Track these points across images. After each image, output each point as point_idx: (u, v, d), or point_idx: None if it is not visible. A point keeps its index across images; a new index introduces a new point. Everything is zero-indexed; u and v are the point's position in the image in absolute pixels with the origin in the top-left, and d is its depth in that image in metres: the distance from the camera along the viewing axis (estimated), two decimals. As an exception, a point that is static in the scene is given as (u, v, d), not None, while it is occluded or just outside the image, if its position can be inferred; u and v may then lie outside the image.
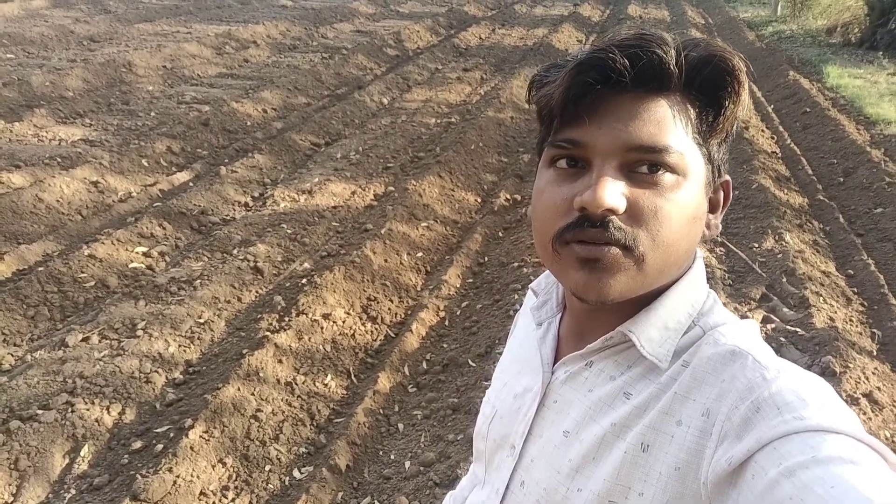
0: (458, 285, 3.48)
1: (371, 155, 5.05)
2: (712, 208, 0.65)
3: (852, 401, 2.43)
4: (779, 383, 0.53)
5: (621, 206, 0.57)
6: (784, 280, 3.34)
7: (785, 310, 3.11)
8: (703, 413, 0.56)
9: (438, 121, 5.93)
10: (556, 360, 0.71)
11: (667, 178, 0.58)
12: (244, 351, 2.74)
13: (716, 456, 0.53)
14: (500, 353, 2.81)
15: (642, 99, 0.59)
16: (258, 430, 2.36)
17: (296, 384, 2.62)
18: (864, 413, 2.39)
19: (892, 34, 8.15)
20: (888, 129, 5.58)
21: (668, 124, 0.59)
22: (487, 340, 2.91)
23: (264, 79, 6.88)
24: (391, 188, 4.53)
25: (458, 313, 3.25)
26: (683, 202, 0.59)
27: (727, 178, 0.66)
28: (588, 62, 0.58)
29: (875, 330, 3.10)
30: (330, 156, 5.05)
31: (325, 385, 2.68)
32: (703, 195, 0.62)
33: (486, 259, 3.77)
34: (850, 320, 3.14)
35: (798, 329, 2.93)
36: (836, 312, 3.15)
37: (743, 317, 3.07)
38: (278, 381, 2.60)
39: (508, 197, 4.52)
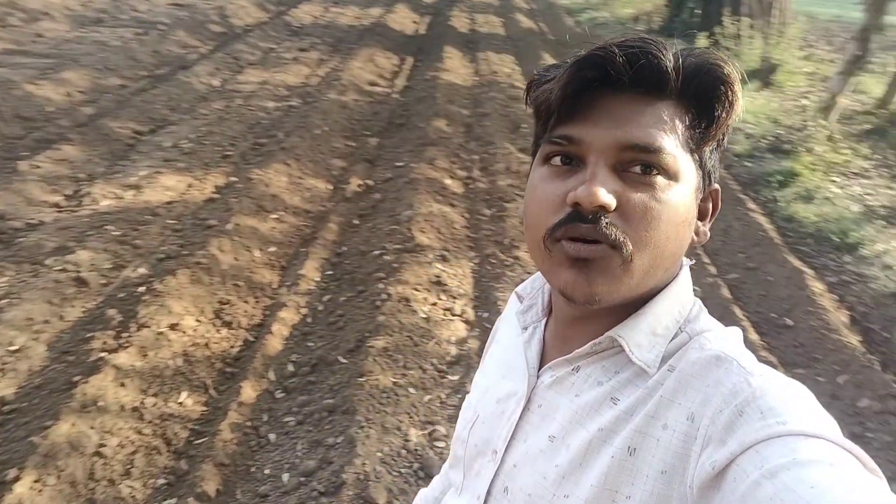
0: (317, 279, 3.32)
1: (206, 143, 4.63)
2: (701, 216, 0.66)
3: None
4: (762, 389, 0.54)
5: (612, 203, 0.58)
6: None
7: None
8: (688, 417, 0.57)
9: (278, 104, 5.60)
10: (541, 365, 0.70)
11: (659, 179, 0.59)
12: (75, 378, 2.36)
13: (700, 459, 0.54)
14: (371, 347, 2.73)
15: (639, 100, 0.60)
16: (104, 468, 2.05)
17: (144, 408, 2.32)
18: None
19: (685, 23, 9.23)
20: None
21: (664, 127, 0.60)
22: (356, 334, 2.81)
23: (65, 57, 5.99)
24: (233, 178, 4.19)
25: (320, 309, 3.10)
26: (674, 205, 0.60)
27: (717, 186, 0.67)
28: (588, 59, 0.58)
29: (695, 287, 3.51)
30: (157, 145, 4.53)
31: (180, 404, 2.41)
32: (694, 201, 0.63)
33: (345, 249, 3.64)
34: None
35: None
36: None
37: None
38: (122, 407, 2.28)
39: (360, 182, 4.40)
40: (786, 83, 6.91)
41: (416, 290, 3.10)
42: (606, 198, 0.57)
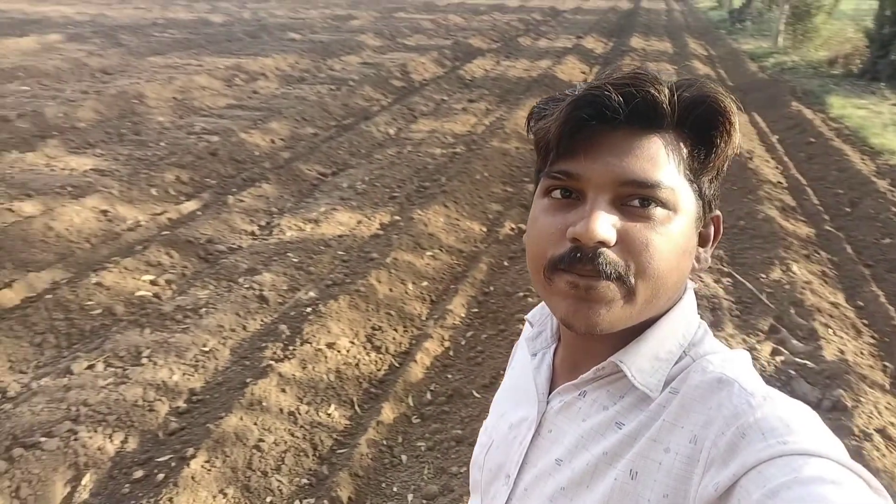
0: (462, 315, 3.47)
1: (377, 184, 5.11)
2: (702, 242, 0.67)
3: (865, 436, 2.40)
4: (764, 410, 0.54)
5: (612, 238, 0.59)
6: (792, 311, 3.33)
7: (794, 342, 3.08)
8: (690, 440, 0.57)
9: (444, 151, 6.00)
10: (551, 390, 0.72)
11: (658, 212, 0.60)
12: (248, 380, 2.73)
13: (703, 482, 0.54)
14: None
15: (636, 135, 0.61)
16: (260, 461, 2.34)
17: (299, 414, 2.61)
18: (878, 449, 2.35)
19: (892, 65, 8.24)
20: (893, 158, 5.61)
21: (661, 161, 0.61)
22: (492, 371, 2.89)
23: (272, 110, 7.01)
24: (397, 217, 4.56)
25: (462, 343, 3.24)
26: (674, 236, 0.61)
27: (717, 213, 0.68)
28: (583, 99, 0.60)
29: (887, 363, 3.07)
30: (336, 185, 5.10)
31: (329, 415, 2.67)
32: (694, 229, 0.64)
33: (492, 289, 3.77)
34: (861, 353, 3.11)
35: (808, 361, 2.90)
36: (846, 345, 3.13)
37: (751, 349, 3.05)
38: (281, 410, 2.59)
39: (513, 226, 4.54)
40: None
41: (556, 332, 3.11)
42: (606, 234, 0.58)
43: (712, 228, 0.68)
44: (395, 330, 3.29)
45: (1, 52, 8.87)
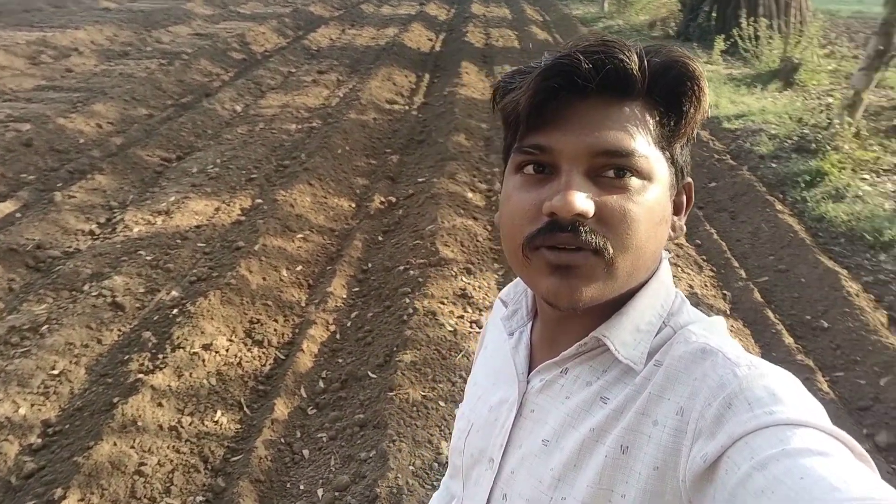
0: (344, 296, 3.36)
1: (231, 167, 4.73)
2: (676, 210, 0.66)
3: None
4: (749, 379, 0.54)
5: (590, 210, 0.57)
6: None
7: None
8: (677, 412, 0.57)
9: (299, 126, 5.71)
10: (530, 369, 0.70)
11: (633, 181, 0.59)
12: (115, 399, 2.42)
13: (692, 453, 0.53)
14: (401, 362, 2.75)
15: (607, 104, 0.60)
16: (145, 487, 2.10)
17: (182, 427, 2.37)
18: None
19: (701, 28, 9.18)
20: (710, 111, 6.27)
21: (633, 129, 0.59)
22: (385, 349, 2.83)
23: (94, 90, 6.20)
24: (259, 200, 4.27)
25: (349, 325, 3.14)
26: (650, 205, 0.60)
27: (689, 180, 0.67)
28: (553, 68, 0.58)
29: (726, 291, 3.47)
30: (184, 171, 4.65)
31: (216, 422, 2.46)
32: (668, 198, 0.63)
33: (370, 265, 3.68)
34: (706, 285, 3.48)
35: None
36: (693, 280, 3.48)
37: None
38: (161, 427, 2.34)
39: (383, 199, 4.45)
40: (808, 82, 6.83)
41: (443, 303, 3.11)
42: (583, 205, 0.57)
43: (685, 196, 0.67)
44: (276, 320, 3.10)
45: None
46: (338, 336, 3.06)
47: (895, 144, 4.88)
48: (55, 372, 2.58)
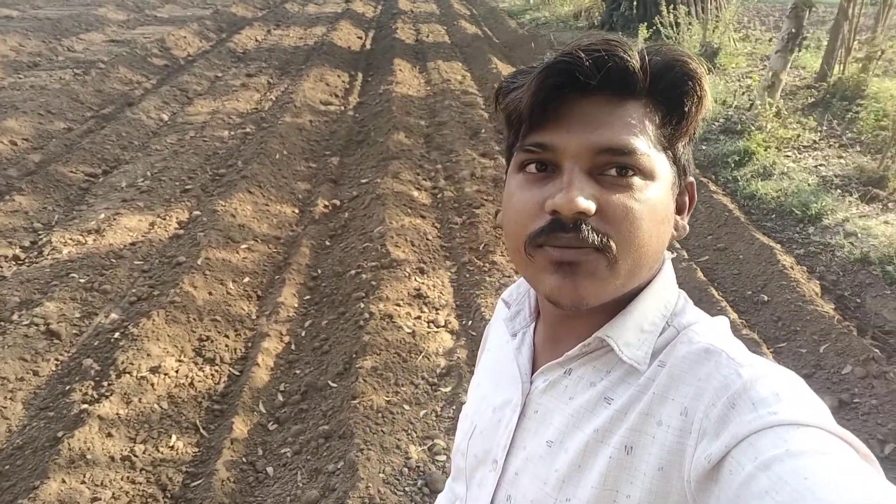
0: (296, 305, 3.27)
1: (163, 178, 4.52)
2: (679, 210, 0.66)
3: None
4: (753, 380, 0.54)
5: (592, 208, 0.57)
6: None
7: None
8: (681, 412, 0.57)
9: (233, 132, 5.52)
10: (533, 370, 0.70)
11: (636, 180, 0.59)
12: (60, 433, 2.27)
13: (696, 454, 0.54)
14: (361, 368, 2.70)
15: (609, 103, 0.59)
16: (101, 524, 1.98)
17: (135, 456, 2.25)
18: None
19: (624, 17, 9.45)
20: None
21: (635, 127, 0.59)
22: (343, 357, 2.78)
23: (3, 105, 5.78)
24: (197, 212, 4.11)
25: (303, 335, 3.06)
26: (652, 203, 0.60)
27: (692, 179, 0.67)
28: (555, 66, 0.58)
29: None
30: (113, 186, 4.41)
31: (172, 448, 2.35)
32: (671, 196, 0.63)
33: (320, 271, 3.60)
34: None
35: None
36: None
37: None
38: (112, 458, 2.21)
39: (327, 203, 4.37)
40: (728, 65, 7.15)
41: (398, 305, 3.08)
42: (585, 203, 0.57)
43: (687, 196, 0.68)
44: (226, 336, 2.99)
45: None
46: (293, 347, 2.98)
47: (812, 122, 5.18)
48: (-12, 411, 2.39)
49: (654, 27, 7.93)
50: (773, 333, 3.07)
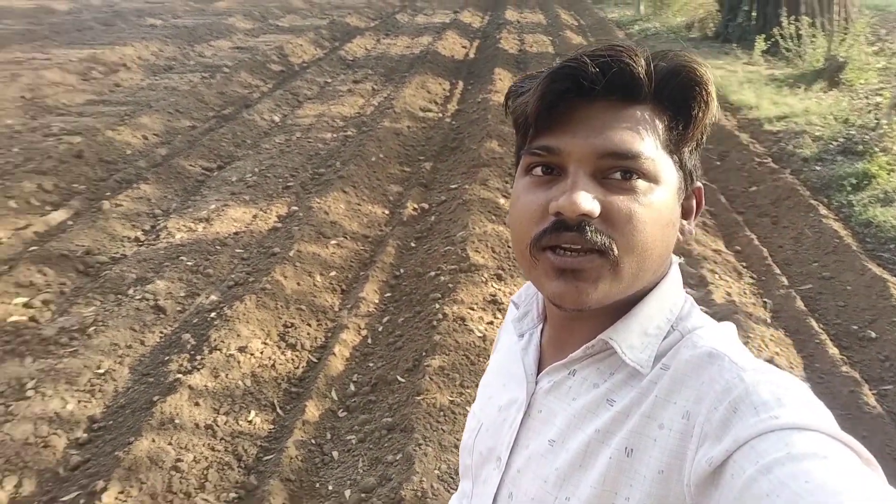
0: (376, 301, 3.42)
1: (269, 175, 4.87)
2: (685, 214, 0.67)
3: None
4: (755, 384, 0.54)
5: (596, 210, 0.58)
6: (682, 261, 3.57)
7: (687, 289, 3.31)
8: (683, 415, 0.57)
9: (335, 135, 5.83)
10: (539, 371, 0.71)
11: (640, 184, 0.60)
12: (155, 398, 2.53)
13: (697, 457, 0.54)
14: (429, 367, 2.77)
15: (614, 107, 0.61)
16: (181, 482, 2.18)
17: (217, 426, 2.46)
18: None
19: (741, 27, 8.99)
20: (751, 113, 6.14)
21: (640, 132, 0.60)
22: (414, 354, 2.87)
23: (140, 103, 6.45)
24: (294, 208, 4.38)
25: (380, 330, 3.19)
26: (657, 207, 0.61)
27: (699, 184, 0.68)
28: (560, 71, 0.60)
29: (766, 300, 3.38)
30: (224, 180, 4.81)
31: (250, 422, 2.53)
32: (676, 201, 0.64)
33: (402, 271, 3.73)
34: (745, 293, 3.41)
35: (701, 307, 3.12)
36: (731, 287, 3.41)
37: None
38: (197, 425, 2.42)
39: (416, 206, 4.51)
40: (856, 81, 6.60)
41: (472, 309, 3.14)
42: (589, 205, 0.58)
43: (694, 200, 0.68)
44: (309, 324, 3.17)
45: None
46: (369, 340, 3.11)
47: (946, 145, 4.68)
48: (101, 371, 2.70)
49: (773, 39, 7.49)
50: (877, 374, 2.82)
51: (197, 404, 2.50)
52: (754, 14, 8.85)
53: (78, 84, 7.03)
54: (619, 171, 0.60)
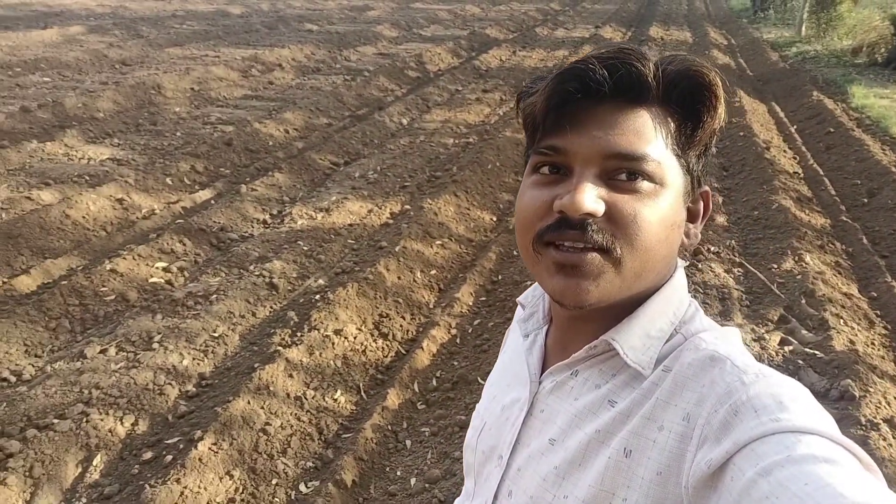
0: (470, 303, 3.48)
1: (389, 174, 5.12)
2: (692, 218, 0.67)
3: (872, 426, 2.36)
4: (756, 387, 0.54)
5: (600, 209, 0.59)
6: (803, 301, 3.28)
7: (803, 332, 3.05)
8: (683, 418, 0.57)
9: (457, 141, 5.99)
10: (543, 371, 0.72)
11: (645, 185, 0.60)
12: (256, 365, 2.77)
13: (696, 459, 0.54)
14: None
15: (621, 109, 0.61)
16: (266, 444, 2.38)
17: (305, 399, 2.64)
18: (885, 439, 2.32)
19: (919, 54, 8.03)
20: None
21: (647, 134, 0.61)
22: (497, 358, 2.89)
23: (287, 100, 7.05)
24: (407, 207, 4.58)
25: (469, 331, 3.25)
26: (661, 209, 0.61)
27: (707, 188, 0.67)
28: (568, 72, 0.61)
29: (899, 353, 3.02)
30: (348, 175, 5.13)
31: (335, 400, 2.70)
32: (682, 204, 0.64)
33: (500, 277, 3.77)
34: (873, 343, 3.06)
35: (817, 351, 2.86)
36: (856, 335, 3.08)
37: (760, 338, 3.02)
38: (288, 395, 2.62)
39: (524, 216, 4.52)
40: None
41: (563, 321, 3.10)
42: (593, 205, 0.58)
43: (701, 204, 0.68)
44: (403, 317, 3.31)
45: (24, 43, 9.02)
46: (457, 340, 3.18)
47: None
48: (216, 334, 3.01)
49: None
50: None
51: (291, 376, 2.71)
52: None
53: (238, 80, 7.82)
54: (625, 172, 0.60)
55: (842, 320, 3.17)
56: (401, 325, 3.24)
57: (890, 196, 4.65)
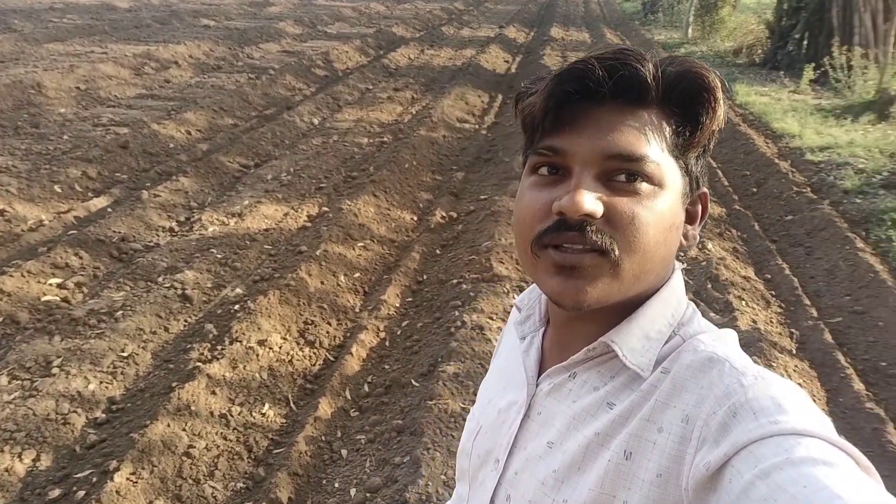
0: (397, 305, 3.43)
1: (303, 175, 4.96)
2: (690, 220, 0.67)
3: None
4: (755, 389, 0.54)
5: (598, 211, 0.59)
6: (709, 286, 3.50)
7: (711, 314, 3.25)
8: (682, 419, 0.57)
9: (371, 140, 5.90)
10: (541, 373, 0.71)
11: (644, 186, 0.60)
12: (173, 384, 2.58)
13: (695, 461, 0.54)
14: (444, 372, 2.77)
15: (621, 110, 0.61)
16: (191, 468, 2.22)
17: (231, 416, 2.49)
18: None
19: (790, 55, 8.81)
20: (793, 142, 6.00)
21: (646, 135, 0.61)
22: (430, 359, 2.87)
23: (187, 100, 6.66)
24: (325, 209, 4.45)
25: (398, 333, 3.20)
26: (660, 210, 0.61)
27: (705, 190, 0.68)
28: (568, 73, 0.60)
29: (793, 330, 3.28)
30: (260, 177, 4.91)
31: (263, 415, 2.57)
32: (681, 206, 0.64)
33: (425, 277, 3.75)
34: (771, 321, 3.32)
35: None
36: (757, 315, 3.32)
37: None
38: (212, 413, 2.47)
39: (444, 214, 4.53)
40: (907, 116, 6.39)
41: (491, 318, 3.13)
42: (591, 206, 0.58)
43: (699, 206, 0.68)
44: (329, 323, 3.20)
45: None
46: (387, 343, 3.12)
47: None
48: (124, 354, 2.78)
49: (822, 69, 7.32)
50: (906, 413, 2.70)
51: (213, 393, 2.54)
52: (805, 42, 8.66)
53: (131, 78, 7.29)
54: (624, 173, 0.60)
55: (744, 302, 3.41)
56: (327, 332, 3.14)
57: (775, 185, 5.06)
